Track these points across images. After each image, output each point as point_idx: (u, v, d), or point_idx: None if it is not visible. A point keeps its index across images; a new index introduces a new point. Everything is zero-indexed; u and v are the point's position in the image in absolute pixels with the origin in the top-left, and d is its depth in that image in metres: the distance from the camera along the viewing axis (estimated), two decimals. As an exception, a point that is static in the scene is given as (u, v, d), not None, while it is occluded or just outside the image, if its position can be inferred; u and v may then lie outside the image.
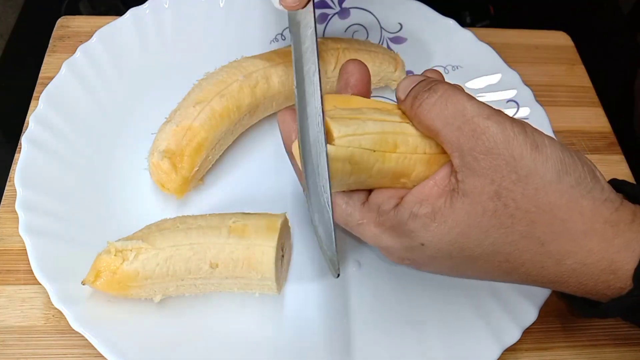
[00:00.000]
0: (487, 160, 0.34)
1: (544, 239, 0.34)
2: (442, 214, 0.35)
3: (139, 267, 0.43)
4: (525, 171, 0.33)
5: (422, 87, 0.37)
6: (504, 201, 0.34)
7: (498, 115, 0.34)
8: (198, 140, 0.49)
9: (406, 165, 0.37)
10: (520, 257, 0.35)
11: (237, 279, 0.44)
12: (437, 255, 0.36)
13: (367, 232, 0.38)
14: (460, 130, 0.34)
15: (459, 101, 0.35)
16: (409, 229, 0.36)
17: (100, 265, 0.43)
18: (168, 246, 0.43)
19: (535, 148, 0.34)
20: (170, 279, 0.43)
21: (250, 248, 0.43)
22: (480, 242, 0.35)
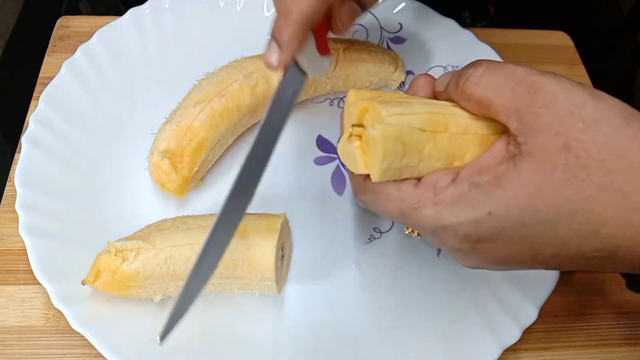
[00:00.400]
0: (548, 114, 0.32)
1: (625, 189, 0.31)
2: (506, 178, 0.32)
3: (139, 267, 0.43)
4: (591, 119, 0.31)
5: (464, 68, 0.36)
6: (575, 152, 0.31)
7: (552, 73, 0.33)
8: (198, 141, 0.49)
9: (459, 145, 0.36)
10: (602, 214, 0.31)
11: (237, 279, 0.44)
12: (507, 225, 0.33)
13: (425, 215, 0.35)
14: (513, 91, 0.33)
15: (506, 67, 0.34)
16: (472, 200, 0.33)
17: (100, 265, 0.43)
18: (168, 246, 0.43)
19: (595, 97, 0.32)
20: (171, 279, 0.43)
21: (250, 248, 0.43)
22: (554, 201, 0.32)
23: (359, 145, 0.36)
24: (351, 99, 0.38)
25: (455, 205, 0.34)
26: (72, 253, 0.46)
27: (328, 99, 0.61)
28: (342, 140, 0.38)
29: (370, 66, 0.58)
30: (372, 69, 0.58)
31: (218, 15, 0.62)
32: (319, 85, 0.57)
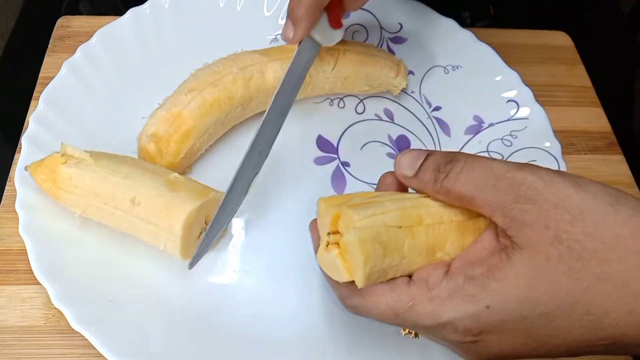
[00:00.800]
0: (534, 210, 0.32)
1: (623, 277, 0.31)
2: (500, 270, 0.32)
3: (73, 174, 0.45)
4: (577, 210, 0.31)
5: (441, 160, 0.36)
6: (567, 244, 0.31)
7: (528, 165, 0.33)
8: (186, 128, 0.50)
9: (437, 236, 0.36)
10: (603, 305, 0.31)
11: (150, 224, 0.45)
12: (507, 319, 0.32)
13: (421, 312, 0.34)
14: (495, 188, 0.33)
15: (484, 163, 0.34)
16: (468, 294, 0.33)
17: (48, 159, 0.46)
18: (107, 168, 0.46)
19: (577, 186, 0.32)
20: (94, 197, 0.45)
21: (173, 200, 0.44)
22: (553, 293, 0.31)
23: (338, 252, 0.36)
24: (321, 208, 0.38)
25: (451, 300, 0.33)
26: (72, 253, 0.46)
27: (328, 99, 0.61)
28: (320, 251, 0.37)
29: (371, 70, 0.58)
30: (373, 73, 0.58)
31: (218, 15, 0.62)
32: (317, 85, 0.57)
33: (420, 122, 0.61)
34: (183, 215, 0.44)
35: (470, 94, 0.61)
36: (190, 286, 0.48)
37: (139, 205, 0.45)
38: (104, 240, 0.48)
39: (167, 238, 0.45)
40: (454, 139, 0.59)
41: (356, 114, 0.61)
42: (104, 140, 0.52)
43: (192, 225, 0.45)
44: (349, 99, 0.61)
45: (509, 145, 0.57)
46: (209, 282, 0.48)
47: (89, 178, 0.45)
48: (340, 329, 0.47)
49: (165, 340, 0.44)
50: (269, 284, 0.49)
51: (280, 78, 0.54)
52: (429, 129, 0.60)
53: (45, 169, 0.46)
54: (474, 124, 0.60)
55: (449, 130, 0.60)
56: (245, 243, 0.51)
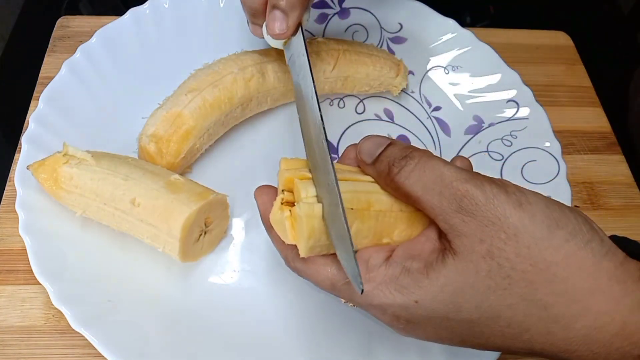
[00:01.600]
0: (473, 223, 0.33)
1: (547, 301, 0.32)
2: (434, 270, 0.34)
3: (74, 173, 0.46)
4: (513, 230, 0.32)
5: (397, 154, 0.36)
6: (498, 261, 0.32)
7: (476, 178, 0.34)
8: (186, 128, 0.50)
9: (387, 223, 0.36)
10: (524, 322, 0.33)
11: (150, 226, 0.45)
12: (433, 316, 0.34)
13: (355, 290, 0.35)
14: (441, 195, 0.34)
15: (436, 166, 0.34)
16: (401, 285, 0.34)
17: (50, 159, 0.46)
18: (108, 169, 0.46)
19: (519, 206, 0.32)
20: (95, 197, 0.45)
21: (173, 202, 0.44)
22: (477, 304, 0.33)
23: (289, 216, 0.36)
24: (282, 167, 0.39)
25: (385, 287, 0.35)
26: (72, 253, 0.46)
27: (328, 99, 0.61)
28: (275, 207, 0.37)
29: (370, 69, 0.58)
30: (372, 73, 0.58)
31: (218, 15, 0.62)
32: (317, 85, 0.57)
33: (420, 122, 0.61)
34: (182, 217, 0.44)
35: (470, 94, 0.61)
36: (190, 286, 0.48)
37: (139, 206, 0.45)
38: (104, 240, 0.48)
39: (166, 240, 0.45)
40: (454, 139, 0.59)
41: (356, 114, 0.61)
42: (104, 141, 0.52)
43: (192, 228, 0.45)
44: (349, 99, 0.61)
45: (509, 145, 0.58)
46: (209, 282, 0.49)
47: (89, 178, 0.45)
48: (340, 328, 0.47)
49: (165, 340, 0.44)
50: (269, 284, 0.49)
51: (280, 78, 0.54)
52: (429, 129, 0.60)
53: (46, 168, 0.46)
54: (474, 124, 0.60)
55: (449, 130, 0.60)
56: (245, 243, 0.51)
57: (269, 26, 0.44)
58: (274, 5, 0.43)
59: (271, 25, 0.44)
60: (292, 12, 0.43)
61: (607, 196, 0.59)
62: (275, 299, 0.48)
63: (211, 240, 0.49)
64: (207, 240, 0.48)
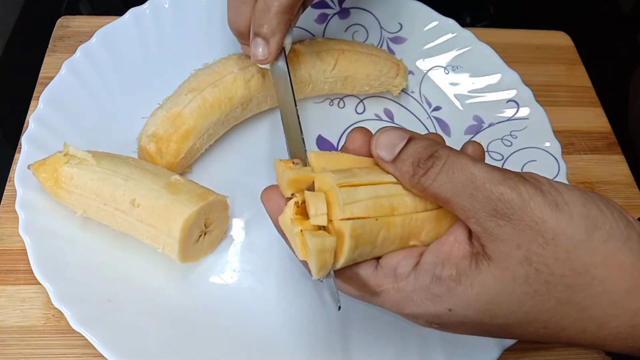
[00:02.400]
0: (508, 227, 0.31)
1: (584, 303, 0.31)
2: (467, 277, 0.33)
3: (75, 173, 0.46)
4: (551, 234, 0.31)
5: (422, 154, 0.34)
6: (536, 266, 0.31)
7: (509, 178, 0.32)
8: (186, 128, 0.50)
9: (413, 226, 0.34)
10: (559, 324, 0.32)
11: (149, 226, 0.45)
12: (467, 321, 0.33)
13: (386, 300, 0.35)
14: (473, 197, 0.32)
15: (465, 167, 0.32)
16: (433, 294, 0.33)
17: (50, 159, 0.47)
18: (108, 169, 0.46)
19: (555, 208, 0.31)
20: (95, 197, 0.45)
21: (172, 203, 0.44)
22: (513, 310, 0.32)
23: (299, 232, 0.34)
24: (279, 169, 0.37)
25: (416, 296, 0.34)
26: (72, 253, 0.46)
27: (328, 99, 0.61)
28: (285, 217, 0.35)
29: (370, 69, 0.58)
30: (372, 73, 0.58)
31: (218, 15, 0.62)
32: (317, 85, 0.57)
33: (420, 122, 0.61)
34: (181, 218, 0.44)
35: (470, 94, 0.61)
36: (190, 286, 0.48)
37: (139, 207, 0.45)
38: (104, 240, 0.48)
39: (166, 241, 0.45)
40: (454, 139, 0.59)
41: (356, 114, 0.61)
42: (104, 140, 0.52)
43: (191, 229, 0.45)
44: (349, 99, 0.62)
45: (509, 145, 0.58)
46: (209, 282, 0.49)
47: (89, 178, 0.46)
48: (340, 327, 0.47)
49: (165, 340, 0.44)
50: (269, 284, 0.49)
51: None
52: (429, 129, 0.60)
53: (47, 168, 0.46)
54: (474, 124, 0.60)
55: (449, 130, 0.60)
56: (245, 243, 0.51)
57: (252, 52, 0.47)
58: (255, 33, 0.46)
59: (254, 51, 0.47)
60: (272, 38, 0.46)
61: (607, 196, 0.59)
62: (275, 299, 0.48)
63: (211, 241, 0.49)
64: (207, 241, 0.48)
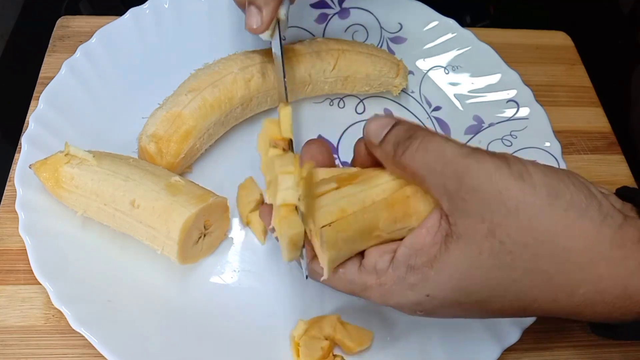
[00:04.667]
0: (474, 200, 0.33)
1: (550, 271, 0.33)
2: (438, 261, 0.34)
3: (75, 174, 0.46)
4: (514, 202, 0.32)
5: (402, 135, 0.36)
6: (499, 238, 0.33)
7: (477, 152, 0.34)
8: (186, 128, 0.50)
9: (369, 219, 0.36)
10: (530, 294, 0.34)
11: (149, 228, 0.45)
12: (446, 303, 0.35)
13: (372, 296, 0.37)
14: (443, 173, 0.34)
15: (438, 144, 0.34)
16: (410, 283, 0.35)
17: (51, 158, 0.47)
18: (108, 170, 0.46)
19: (519, 177, 0.33)
20: (95, 197, 0.45)
21: (172, 204, 0.44)
22: (484, 284, 0.34)
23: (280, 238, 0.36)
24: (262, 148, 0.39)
25: (396, 288, 0.36)
26: (72, 253, 0.46)
27: (328, 99, 0.61)
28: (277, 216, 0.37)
29: (370, 69, 0.58)
30: (372, 73, 0.58)
31: (218, 15, 0.62)
32: (317, 85, 0.57)
33: (420, 122, 0.61)
34: (181, 220, 0.44)
35: (470, 94, 0.61)
36: (190, 286, 0.48)
37: (139, 207, 0.45)
38: (105, 240, 0.48)
39: (165, 242, 0.45)
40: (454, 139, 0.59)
41: (356, 114, 0.61)
42: (104, 141, 0.52)
43: (190, 230, 0.45)
44: (349, 99, 0.62)
45: (509, 145, 0.57)
46: (209, 282, 0.49)
47: (90, 179, 0.46)
48: (340, 329, 0.47)
49: (165, 340, 0.44)
50: (269, 284, 0.49)
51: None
52: (429, 129, 0.60)
53: (48, 167, 0.46)
54: (474, 124, 0.60)
55: (449, 130, 0.60)
56: (246, 243, 0.51)
57: (246, 22, 0.47)
58: (249, 1, 0.47)
59: (248, 20, 0.47)
60: (266, 7, 0.46)
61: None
62: (275, 299, 0.48)
63: (211, 242, 0.49)
64: (207, 243, 0.48)
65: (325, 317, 0.46)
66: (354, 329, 0.46)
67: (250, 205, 0.51)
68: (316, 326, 0.45)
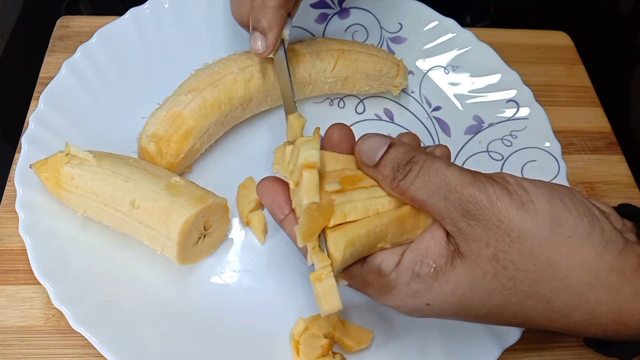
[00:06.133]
0: (478, 227, 0.34)
1: (549, 296, 0.34)
2: (443, 274, 0.35)
3: (75, 174, 0.46)
4: (517, 232, 0.33)
5: (401, 159, 0.36)
6: (503, 263, 0.33)
7: (478, 180, 0.34)
8: (186, 128, 0.50)
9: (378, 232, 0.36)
10: (528, 314, 0.35)
11: (148, 228, 0.45)
12: (444, 315, 0.37)
13: (371, 293, 0.38)
14: (447, 199, 0.34)
15: (439, 170, 0.35)
16: (412, 290, 0.36)
17: (52, 158, 0.47)
18: (109, 170, 0.46)
19: (521, 207, 0.33)
20: (95, 198, 0.46)
21: (172, 205, 0.44)
22: (484, 303, 0.35)
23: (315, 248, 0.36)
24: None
25: (398, 292, 0.36)
26: (72, 253, 0.46)
27: (328, 99, 0.61)
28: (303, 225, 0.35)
29: (370, 69, 0.58)
30: (372, 73, 0.58)
31: (218, 15, 0.62)
32: (317, 85, 0.57)
33: (420, 122, 0.61)
34: (180, 221, 0.44)
35: (470, 94, 0.61)
36: (190, 286, 0.48)
37: (138, 208, 0.45)
38: (105, 240, 0.48)
39: (164, 242, 0.45)
40: (454, 139, 0.59)
41: (356, 114, 0.61)
42: (104, 141, 0.52)
43: (190, 231, 0.45)
44: (349, 99, 0.62)
45: (509, 145, 0.57)
46: (209, 282, 0.49)
47: (90, 179, 0.46)
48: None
49: (165, 340, 0.44)
50: (269, 284, 0.49)
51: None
52: (429, 129, 0.60)
53: (49, 167, 0.46)
54: (474, 124, 0.60)
55: (449, 130, 0.60)
56: (245, 243, 0.51)
57: (252, 46, 0.49)
58: (254, 27, 0.48)
59: (253, 45, 0.49)
60: (270, 32, 0.48)
61: (607, 196, 0.59)
62: (275, 299, 0.48)
63: (211, 243, 0.49)
64: (207, 243, 0.48)
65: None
66: (353, 327, 0.46)
67: (250, 205, 0.51)
68: (316, 324, 0.45)
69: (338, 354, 0.44)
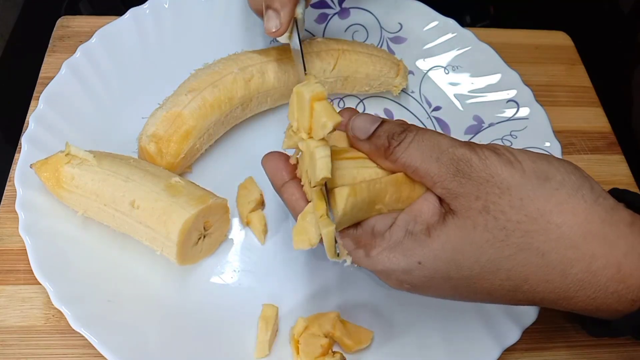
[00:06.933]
0: (469, 184, 0.35)
1: (543, 248, 0.33)
2: (435, 229, 0.35)
3: (75, 174, 0.46)
4: (506, 184, 0.34)
5: (395, 129, 0.37)
6: (493, 214, 0.34)
7: (470, 143, 0.36)
8: (186, 128, 0.50)
9: (378, 189, 0.37)
10: (522, 272, 0.34)
11: (148, 228, 0.45)
12: (435, 276, 0.36)
13: (361, 257, 0.37)
14: (439, 161, 0.36)
15: (432, 136, 0.37)
16: (405, 248, 0.36)
17: (52, 158, 0.47)
18: (109, 170, 0.46)
19: (509, 164, 0.35)
20: (95, 198, 0.46)
21: (171, 206, 0.44)
22: (476, 258, 0.34)
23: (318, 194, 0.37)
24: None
25: (390, 252, 0.36)
26: (72, 253, 0.46)
27: (328, 98, 0.61)
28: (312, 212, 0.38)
29: (370, 69, 0.58)
30: (372, 73, 0.58)
31: (218, 15, 0.62)
32: (317, 85, 0.57)
33: (420, 122, 0.61)
34: (180, 221, 0.44)
35: (470, 94, 0.61)
36: (190, 286, 0.48)
37: (138, 208, 0.45)
38: (105, 240, 0.48)
39: (164, 243, 0.45)
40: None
41: (356, 114, 0.61)
42: (104, 141, 0.52)
43: (190, 232, 0.45)
44: (349, 99, 0.62)
45: (509, 145, 0.57)
46: (209, 282, 0.49)
47: (90, 179, 0.46)
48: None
49: (165, 340, 0.44)
50: (269, 284, 0.49)
51: (280, 78, 0.54)
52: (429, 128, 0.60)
53: (49, 167, 0.46)
54: (474, 124, 0.60)
55: (449, 130, 0.60)
56: (245, 243, 0.51)
57: (265, 26, 0.48)
58: (267, 5, 0.48)
59: (267, 24, 0.48)
60: (283, 9, 0.47)
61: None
62: (275, 299, 0.48)
63: (211, 243, 0.49)
64: (207, 244, 0.48)
65: (325, 315, 0.46)
66: (353, 327, 0.46)
67: (250, 205, 0.51)
68: (316, 323, 0.45)
69: (338, 354, 0.44)
